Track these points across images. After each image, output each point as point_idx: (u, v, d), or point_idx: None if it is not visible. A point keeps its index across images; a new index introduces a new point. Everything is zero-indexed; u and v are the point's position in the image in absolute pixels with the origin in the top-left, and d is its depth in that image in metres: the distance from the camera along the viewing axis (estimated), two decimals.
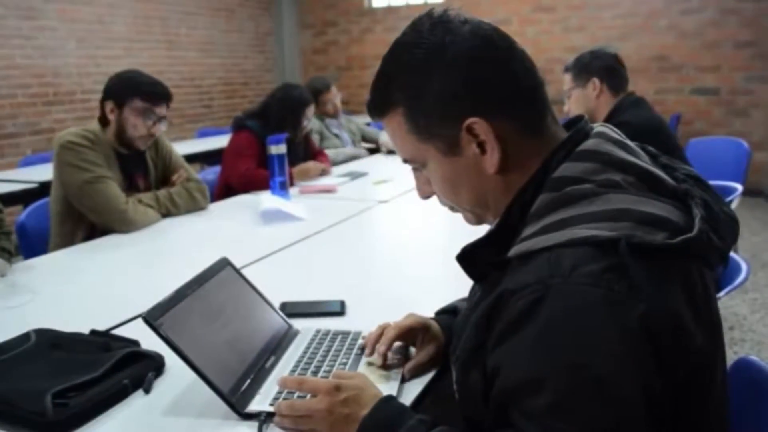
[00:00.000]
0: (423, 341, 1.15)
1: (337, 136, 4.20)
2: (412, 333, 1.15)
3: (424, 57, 0.83)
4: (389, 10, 7.70)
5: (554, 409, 0.67)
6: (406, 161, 0.93)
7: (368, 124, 4.74)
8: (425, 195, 0.96)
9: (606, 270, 0.69)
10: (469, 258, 0.87)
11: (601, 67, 2.55)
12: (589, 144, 0.83)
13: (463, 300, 1.24)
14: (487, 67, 0.83)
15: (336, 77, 7.50)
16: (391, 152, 4.06)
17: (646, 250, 0.71)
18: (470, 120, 0.81)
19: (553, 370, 0.68)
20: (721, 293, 1.53)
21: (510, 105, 0.83)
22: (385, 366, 1.13)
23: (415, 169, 0.94)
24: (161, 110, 2.33)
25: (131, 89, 2.29)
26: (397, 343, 1.17)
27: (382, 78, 0.89)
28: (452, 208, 0.95)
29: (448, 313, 1.21)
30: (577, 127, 0.87)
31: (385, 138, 4.16)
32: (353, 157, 3.99)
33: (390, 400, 0.93)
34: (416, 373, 1.12)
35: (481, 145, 0.83)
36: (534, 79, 0.86)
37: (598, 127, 0.87)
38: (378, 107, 0.90)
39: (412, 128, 0.87)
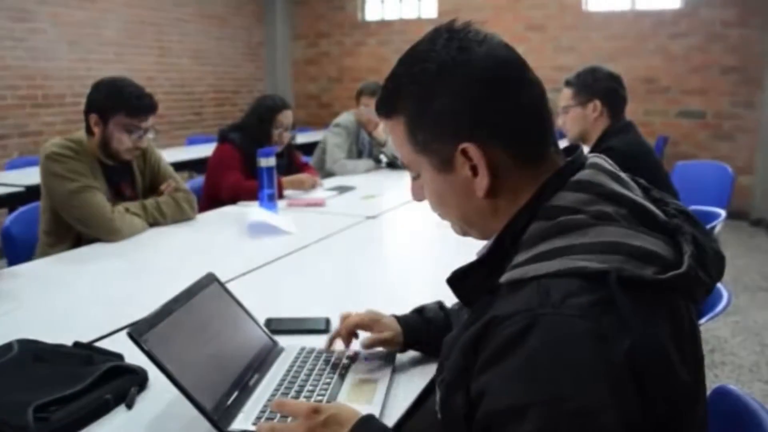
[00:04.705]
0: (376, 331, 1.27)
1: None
2: (362, 327, 1.26)
3: (433, 72, 0.83)
4: (382, 23, 7.74)
5: None
6: (404, 166, 0.94)
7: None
8: (418, 199, 0.96)
9: (595, 303, 0.70)
10: (459, 281, 0.88)
11: (604, 89, 2.43)
12: (583, 174, 0.83)
13: (436, 302, 1.31)
14: (493, 93, 0.82)
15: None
16: (390, 165, 4.07)
17: (635, 284, 0.71)
18: (465, 144, 0.82)
19: (537, 399, 0.68)
20: (703, 319, 1.55)
21: (508, 135, 0.83)
22: (370, 379, 1.16)
23: (413, 177, 0.95)
24: (147, 123, 2.29)
25: (116, 103, 2.22)
26: (380, 350, 1.26)
27: (392, 82, 0.89)
28: (441, 215, 0.96)
29: (415, 312, 1.31)
30: (573, 156, 0.88)
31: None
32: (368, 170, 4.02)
33: (371, 419, 0.93)
34: (371, 345, 1.24)
35: (474, 168, 0.83)
36: (541, 110, 0.86)
37: (593, 157, 0.88)
38: (384, 109, 0.91)
39: (409, 139, 0.88)
